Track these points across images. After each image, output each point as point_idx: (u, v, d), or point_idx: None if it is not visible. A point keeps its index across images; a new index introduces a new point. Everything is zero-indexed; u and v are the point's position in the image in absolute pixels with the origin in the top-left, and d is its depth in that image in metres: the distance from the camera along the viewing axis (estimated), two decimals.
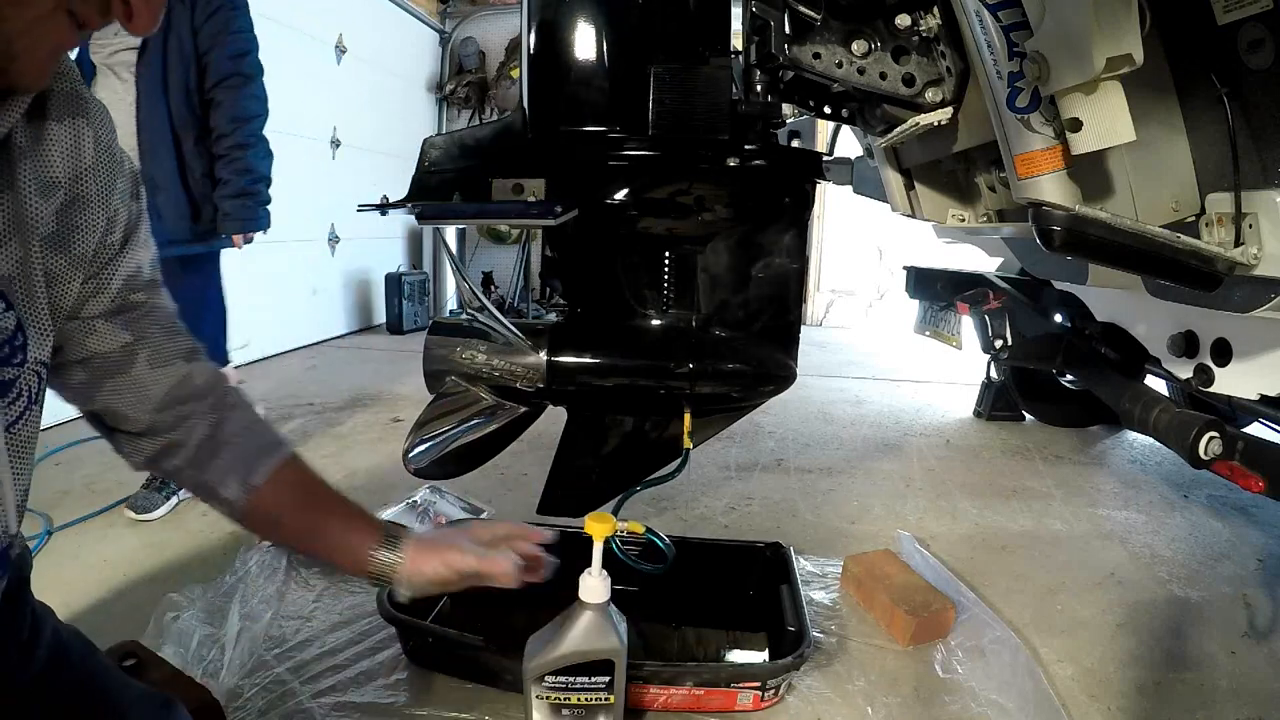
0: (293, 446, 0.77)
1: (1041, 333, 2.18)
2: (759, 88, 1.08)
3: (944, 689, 1.14)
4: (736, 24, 1.05)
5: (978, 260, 2.49)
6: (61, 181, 0.58)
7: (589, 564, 0.92)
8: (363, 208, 1.05)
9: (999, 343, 2.27)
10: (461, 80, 5.13)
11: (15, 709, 0.62)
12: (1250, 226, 0.96)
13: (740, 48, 1.09)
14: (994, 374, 2.78)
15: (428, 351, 1.06)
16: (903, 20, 1.04)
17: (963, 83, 1.06)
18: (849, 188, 2.24)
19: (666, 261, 1.04)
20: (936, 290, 2.39)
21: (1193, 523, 1.85)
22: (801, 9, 1.00)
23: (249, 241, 1.83)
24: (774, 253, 1.05)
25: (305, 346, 3.79)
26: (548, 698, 0.94)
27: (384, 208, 1.00)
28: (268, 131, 1.80)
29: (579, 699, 0.94)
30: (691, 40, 0.95)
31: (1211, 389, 1.37)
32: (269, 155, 1.81)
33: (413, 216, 0.97)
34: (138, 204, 0.67)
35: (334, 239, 4.08)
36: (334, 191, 3.93)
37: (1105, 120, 0.84)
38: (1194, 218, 1.02)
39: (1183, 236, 0.92)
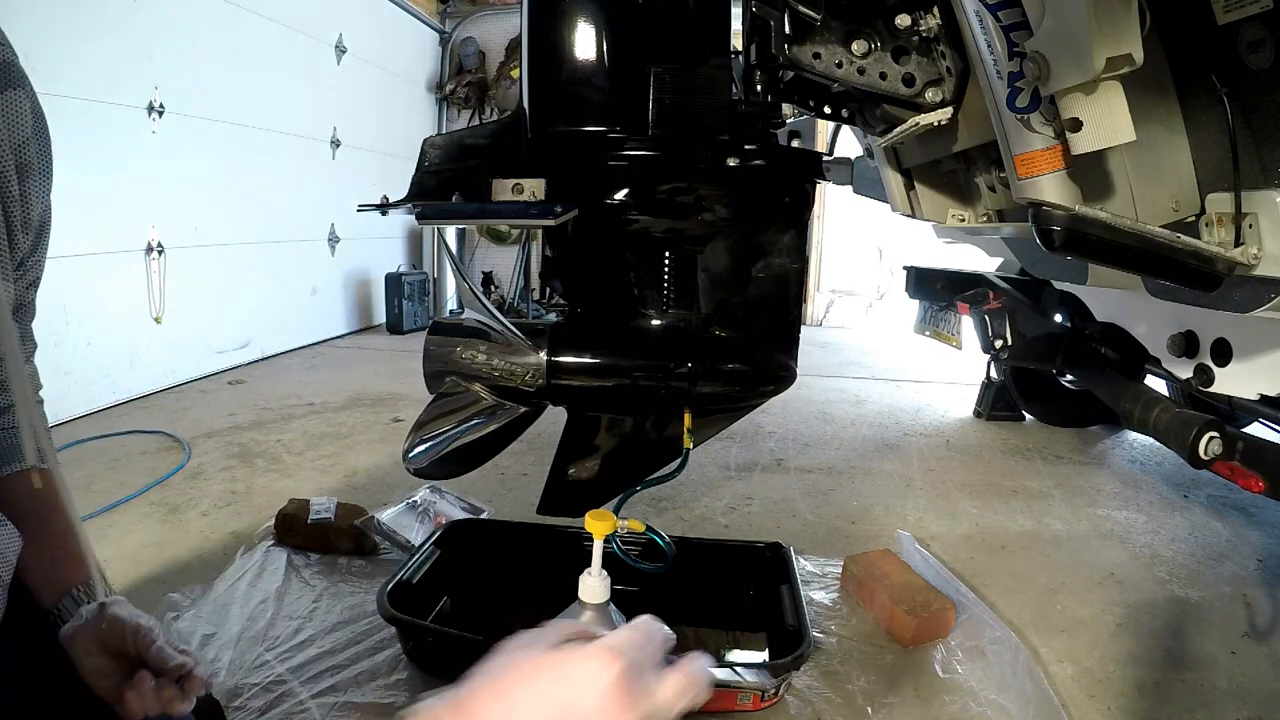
0: (51, 468, 0.71)
1: (1041, 333, 2.17)
2: (759, 88, 1.08)
3: (944, 689, 1.14)
4: (736, 24, 1.05)
5: (978, 260, 2.49)
6: (7, 152, 0.58)
7: (589, 564, 0.91)
8: (363, 208, 1.05)
9: (999, 343, 2.26)
10: (461, 80, 5.13)
11: (17, 705, 0.62)
12: (1250, 226, 0.96)
13: (740, 48, 1.09)
14: (994, 374, 2.78)
15: (428, 351, 1.06)
16: (903, 20, 1.04)
17: (963, 83, 1.06)
18: (849, 188, 2.24)
19: (666, 261, 1.04)
20: (936, 290, 2.39)
21: (1193, 523, 1.85)
22: (801, 9, 1.00)
23: None
24: (774, 253, 1.05)
25: (305, 346, 3.79)
26: None
27: (384, 208, 1.00)
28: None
29: None
30: (691, 40, 0.95)
31: (1211, 389, 1.37)
32: None
33: (413, 216, 0.97)
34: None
35: (334, 239, 4.08)
36: (334, 191, 3.93)
37: (1105, 120, 0.84)
38: (1194, 218, 1.02)
39: (1183, 236, 0.92)
